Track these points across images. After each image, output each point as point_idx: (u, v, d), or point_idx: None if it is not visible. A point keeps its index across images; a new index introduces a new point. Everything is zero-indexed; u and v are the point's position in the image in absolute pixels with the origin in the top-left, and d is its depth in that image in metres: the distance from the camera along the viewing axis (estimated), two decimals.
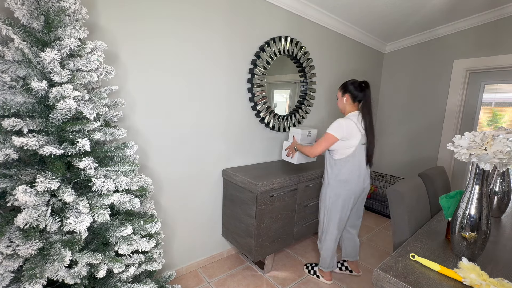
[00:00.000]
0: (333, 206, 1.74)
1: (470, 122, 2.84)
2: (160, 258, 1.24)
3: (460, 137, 0.96)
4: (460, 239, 1.00)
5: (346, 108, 1.73)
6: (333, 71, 2.79)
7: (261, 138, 2.26)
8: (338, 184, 1.71)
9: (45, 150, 0.88)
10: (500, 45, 2.53)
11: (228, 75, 1.93)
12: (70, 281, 0.92)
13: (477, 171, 0.96)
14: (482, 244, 0.97)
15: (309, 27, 2.42)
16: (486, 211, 0.96)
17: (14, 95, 0.90)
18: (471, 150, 0.91)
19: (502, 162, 0.86)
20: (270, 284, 1.88)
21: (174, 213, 1.81)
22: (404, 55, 3.28)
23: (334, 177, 1.72)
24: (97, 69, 1.07)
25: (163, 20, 1.54)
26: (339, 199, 1.71)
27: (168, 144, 1.70)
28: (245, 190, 1.81)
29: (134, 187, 1.13)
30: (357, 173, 1.69)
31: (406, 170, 3.35)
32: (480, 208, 0.96)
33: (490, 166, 0.88)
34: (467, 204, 0.98)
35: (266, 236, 1.84)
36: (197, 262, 2.01)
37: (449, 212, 1.19)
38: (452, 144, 0.98)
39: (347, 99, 1.71)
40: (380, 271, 0.94)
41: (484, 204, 0.96)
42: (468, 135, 0.94)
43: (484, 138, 0.90)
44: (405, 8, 2.38)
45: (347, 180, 1.69)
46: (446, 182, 1.95)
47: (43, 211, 0.87)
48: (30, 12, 0.90)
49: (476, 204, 0.97)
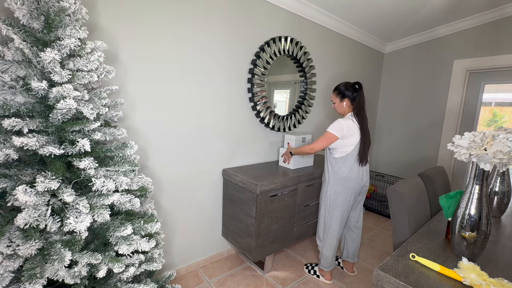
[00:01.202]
0: (335, 204, 1.76)
1: (470, 122, 2.84)
2: (160, 258, 1.24)
3: (460, 137, 0.96)
4: (460, 239, 1.00)
5: (346, 110, 1.76)
6: (333, 71, 2.79)
7: (261, 138, 2.26)
8: (338, 182, 1.73)
9: (45, 150, 0.88)
10: (500, 45, 2.53)
11: (228, 75, 1.93)
12: (70, 281, 0.92)
13: (477, 171, 0.96)
14: (482, 244, 0.97)
15: (309, 27, 2.42)
16: (486, 211, 0.96)
17: (14, 95, 0.90)
18: (471, 150, 0.91)
19: (502, 162, 0.86)
20: (270, 284, 1.88)
21: (174, 213, 1.81)
22: (404, 55, 3.28)
23: (334, 175, 1.74)
24: (97, 69, 1.07)
25: (163, 20, 1.54)
26: (340, 197, 1.74)
27: (168, 144, 1.70)
28: (245, 190, 1.81)
29: (134, 187, 1.13)
30: (357, 171, 1.72)
31: (406, 170, 3.35)
32: (480, 208, 0.96)
33: (490, 166, 0.88)
34: (467, 204, 0.98)
35: (266, 236, 1.84)
36: (197, 262, 2.01)
37: (449, 212, 1.19)
38: (452, 144, 0.98)
39: (347, 103, 1.73)
40: (380, 271, 0.94)
41: (484, 204, 0.96)
42: (468, 135, 0.94)
43: (484, 138, 0.90)
44: (405, 8, 2.38)
45: (347, 177, 1.71)
46: (446, 182, 1.95)
47: (43, 211, 0.87)
48: (30, 12, 0.90)
49: (476, 204, 0.97)
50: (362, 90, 1.72)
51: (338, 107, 1.78)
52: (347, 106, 1.74)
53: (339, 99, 1.75)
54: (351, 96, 1.71)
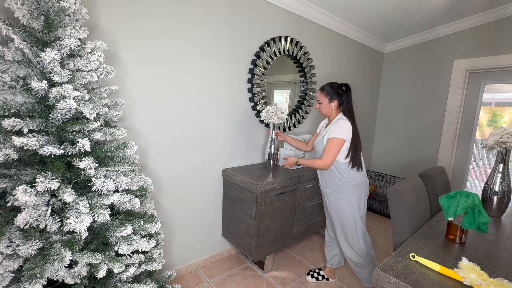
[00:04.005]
0: (356, 210, 1.65)
1: (470, 122, 2.84)
2: (160, 258, 1.24)
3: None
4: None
5: (333, 113, 1.67)
6: (333, 71, 2.79)
7: (261, 138, 2.26)
8: (354, 186, 1.63)
9: (45, 150, 0.88)
10: (500, 45, 2.53)
11: (228, 75, 1.93)
12: (70, 281, 0.92)
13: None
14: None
15: (309, 27, 2.42)
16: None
17: (14, 95, 0.90)
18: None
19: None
20: (270, 284, 1.88)
21: (174, 213, 1.81)
22: (404, 55, 3.28)
23: (349, 180, 1.63)
24: (97, 69, 1.07)
25: (163, 20, 1.54)
26: (358, 200, 1.64)
27: (168, 144, 1.70)
28: (245, 190, 1.81)
29: (134, 187, 1.13)
30: (364, 168, 1.69)
31: (406, 170, 3.35)
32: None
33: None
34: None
35: (266, 236, 1.84)
36: (197, 262, 2.01)
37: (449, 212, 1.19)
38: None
39: (335, 104, 1.65)
40: (380, 271, 0.94)
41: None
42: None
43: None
44: (405, 8, 2.38)
45: (358, 176, 1.64)
46: (446, 182, 1.95)
47: (43, 211, 0.87)
48: (30, 12, 0.90)
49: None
50: (351, 91, 1.64)
51: (325, 108, 1.67)
52: (335, 107, 1.66)
53: (328, 99, 1.65)
54: (341, 98, 1.64)
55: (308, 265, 2.12)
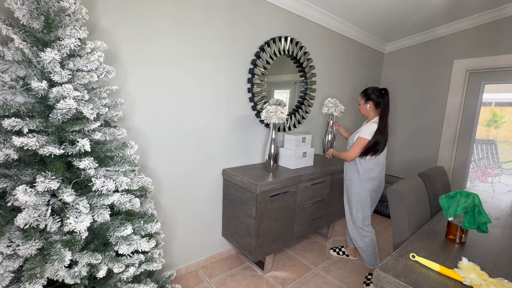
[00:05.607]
0: (363, 199, 1.89)
1: (470, 122, 2.84)
2: (160, 258, 1.24)
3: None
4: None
5: (370, 113, 1.88)
6: (333, 71, 2.79)
7: (261, 138, 2.26)
8: (366, 179, 1.86)
9: (45, 150, 0.88)
10: (500, 45, 2.53)
11: (228, 75, 1.93)
12: (70, 281, 0.92)
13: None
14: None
15: (309, 27, 2.42)
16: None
17: (14, 95, 0.90)
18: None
19: None
20: (270, 284, 1.88)
21: (174, 213, 1.81)
22: (404, 55, 3.28)
23: (363, 174, 1.86)
24: (97, 69, 1.07)
25: (163, 20, 1.54)
26: (366, 192, 1.88)
27: (168, 144, 1.70)
28: (245, 190, 1.81)
29: (134, 187, 1.13)
30: (381, 167, 1.87)
31: (406, 170, 3.35)
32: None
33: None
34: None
35: (266, 236, 1.84)
36: (197, 262, 2.01)
37: (449, 212, 1.19)
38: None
39: (370, 106, 1.86)
40: (380, 271, 0.94)
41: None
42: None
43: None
44: (405, 8, 2.38)
45: (371, 173, 1.86)
46: (446, 182, 1.95)
47: (43, 211, 0.87)
48: (30, 12, 0.90)
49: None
50: (388, 96, 1.81)
51: (361, 108, 1.93)
52: (370, 109, 1.86)
53: (364, 101, 1.89)
54: (376, 100, 1.84)
55: (308, 265, 2.12)
